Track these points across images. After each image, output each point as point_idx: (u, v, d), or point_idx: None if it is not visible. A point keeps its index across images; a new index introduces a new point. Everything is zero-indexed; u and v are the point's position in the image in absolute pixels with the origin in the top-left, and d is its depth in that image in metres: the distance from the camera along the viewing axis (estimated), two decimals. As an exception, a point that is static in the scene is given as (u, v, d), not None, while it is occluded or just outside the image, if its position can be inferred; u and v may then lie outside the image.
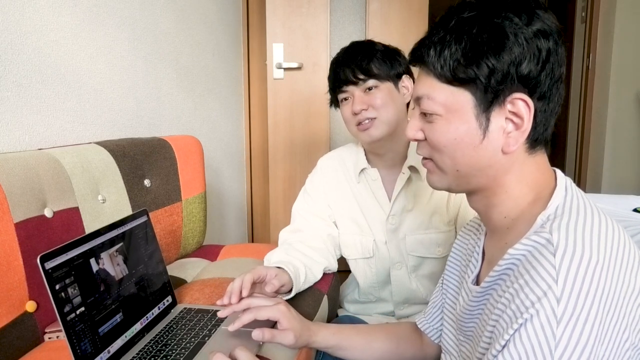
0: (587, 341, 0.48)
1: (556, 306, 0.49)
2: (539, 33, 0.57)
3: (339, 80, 1.08)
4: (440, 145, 0.62)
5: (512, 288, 0.55)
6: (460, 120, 0.60)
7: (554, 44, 0.58)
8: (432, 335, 0.84)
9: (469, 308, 0.68)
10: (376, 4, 2.19)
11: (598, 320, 0.49)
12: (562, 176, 0.63)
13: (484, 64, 0.56)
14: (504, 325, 0.54)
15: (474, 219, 0.80)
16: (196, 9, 1.88)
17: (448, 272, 0.82)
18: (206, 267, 1.27)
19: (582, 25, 3.08)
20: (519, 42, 0.56)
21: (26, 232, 0.83)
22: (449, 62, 0.58)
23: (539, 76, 0.57)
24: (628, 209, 1.43)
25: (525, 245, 0.56)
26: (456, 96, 0.59)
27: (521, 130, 0.58)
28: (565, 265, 0.50)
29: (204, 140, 1.85)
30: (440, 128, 0.62)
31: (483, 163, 0.61)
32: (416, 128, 0.66)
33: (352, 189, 1.18)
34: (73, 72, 1.18)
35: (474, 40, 0.57)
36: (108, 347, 0.73)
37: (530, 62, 0.56)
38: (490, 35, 0.56)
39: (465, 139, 0.60)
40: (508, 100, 0.58)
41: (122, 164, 1.14)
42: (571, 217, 0.56)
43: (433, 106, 0.61)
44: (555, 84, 0.59)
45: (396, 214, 1.13)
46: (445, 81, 0.60)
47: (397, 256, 1.15)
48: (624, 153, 2.73)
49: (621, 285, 0.51)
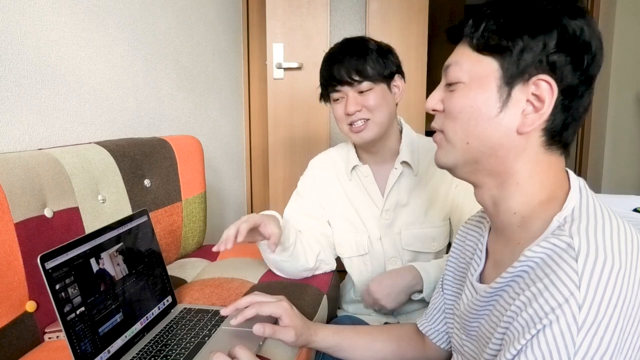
0: (607, 348, 0.48)
1: (577, 313, 0.48)
2: (580, 29, 0.57)
3: (333, 78, 1.07)
4: (455, 111, 0.62)
5: (528, 291, 0.54)
6: (481, 89, 0.59)
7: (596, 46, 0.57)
8: (434, 337, 0.83)
9: (474, 307, 0.66)
10: (376, 4, 2.19)
11: (619, 328, 0.49)
12: (574, 177, 0.62)
13: (520, 39, 0.57)
14: (519, 329, 0.53)
15: (475, 215, 0.79)
16: (196, 9, 1.88)
17: (447, 273, 0.81)
18: (206, 267, 1.27)
19: (582, 25, 3.08)
20: (559, 31, 0.56)
21: (26, 232, 0.83)
22: (485, 31, 0.59)
23: (570, 68, 0.57)
24: (628, 209, 1.43)
25: (543, 247, 0.55)
26: (484, 64, 0.59)
27: (540, 113, 0.57)
28: (588, 272, 0.50)
29: (204, 140, 1.85)
30: (460, 95, 0.61)
31: (495, 140, 0.60)
32: (437, 98, 0.65)
33: (344, 188, 1.19)
34: (73, 72, 1.18)
35: (515, 16, 0.58)
36: (108, 347, 0.73)
37: (566, 55, 0.56)
38: (533, 15, 0.57)
39: (483, 108, 0.59)
40: (533, 80, 0.57)
41: (122, 164, 1.14)
42: (590, 221, 0.55)
43: (459, 73, 0.61)
44: (584, 85, 0.59)
45: (390, 209, 1.14)
46: (477, 49, 0.60)
47: (392, 251, 1.15)
48: (624, 153, 2.73)
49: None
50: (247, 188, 2.58)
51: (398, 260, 1.16)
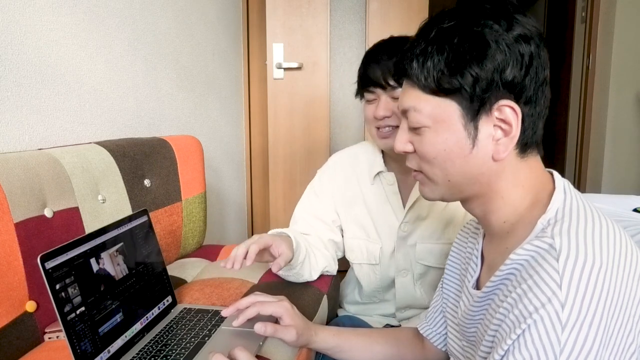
0: (592, 346, 0.48)
1: (561, 311, 0.49)
2: (520, 38, 0.56)
3: (368, 79, 1.03)
4: (430, 156, 0.62)
5: (514, 293, 0.54)
6: (449, 130, 0.59)
7: (536, 47, 0.57)
8: (435, 340, 0.83)
9: (470, 313, 0.67)
10: (376, 4, 2.19)
11: (603, 325, 0.49)
12: (559, 178, 0.63)
13: (468, 73, 0.56)
14: (506, 330, 0.54)
15: (470, 222, 0.79)
16: (196, 9, 1.88)
17: (447, 277, 0.81)
18: (206, 267, 1.27)
19: (582, 25, 3.08)
20: (500, 49, 0.56)
21: (26, 232, 0.83)
22: (433, 73, 0.58)
23: (524, 81, 0.57)
24: (628, 209, 1.42)
25: (527, 250, 0.56)
26: (442, 107, 0.59)
27: (510, 137, 0.58)
28: (568, 271, 0.50)
29: (204, 140, 1.85)
30: (429, 140, 0.61)
31: (474, 171, 0.61)
32: (405, 140, 0.65)
33: (363, 191, 1.14)
34: (73, 72, 1.18)
35: (456, 50, 0.57)
36: (108, 347, 0.73)
37: (513, 68, 0.56)
38: (471, 44, 0.56)
39: (455, 149, 0.60)
40: (495, 107, 0.58)
41: (122, 164, 1.14)
42: (572, 221, 0.55)
43: (420, 118, 0.61)
44: (540, 87, 0.59)
45: (409, 222, 1.10)
46: (430, 92, 0.60)
47: (403, 263, 1.12)
48: (624, 153, 2.73)
49: (625, 289, 0.51)
50: (247, 188, 2.58)
51: (409, 274, 1.12)
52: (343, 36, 2.28)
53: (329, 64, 2.18)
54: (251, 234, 2.64)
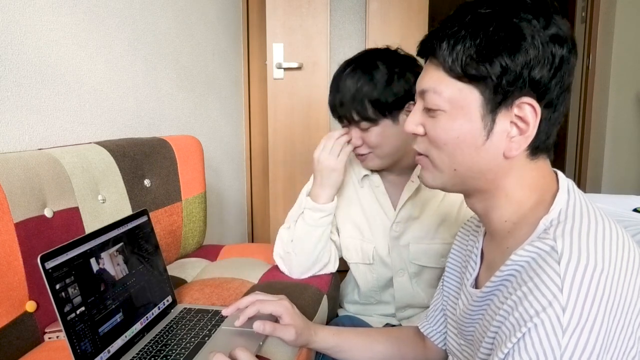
0: (592, 350, 0.48)
1: (562, 315, 0.48)
2: (555, 38, 0.56)
3: (335, 112, 1.05)
4: (440, 142, 0.61)
5: (515, 295, 0.54)
6: (465, 118, 0.58)
7: (568, 52, 0.57)
8: (436, 339, 0.83)
9: (469, 312, 0.67)
10: (376, 4, 2.19)
11: (604, 329, 0.48)
12: (563, 178, 0.62)
13: (498, 62, 0.55)
14: (506, 332, 0.53)
15: (472, 219, 0.79)
16: (196, 9, 1.88)
17: (448, 275, 0.81)
18: (206, 267, 1.27)
19: (582, 25, 3.08)
20: (535, 45, 0.55)
21: (26, 232, 0.83)
22: (461, 57, 0.57)
23: (550, 82, 0.56)
24: (628, 209, 1.43)
25: (528, 251, 0.55)
26: (464, 93, 0.58)
27: (525, 136, 0.57)
28: (570, 274, 0.50)
29: (204, 140, 1.85)
30: (443, 124, 0.60)
31: (482, 165, 0.60)
32: (416, 122, 0.64)
33: (357, 192, 1.17)
34: (73, 72, 1.18)
35: (490, 38, 0.55)
36: (108, 347, 0.73)
37: (543, 67, 0.55)
38: (507, 34, 0.55)
39: (468, 138, 0.59)
40: (516, 103, 0.56)
41: (122, 164, 1.14)
42: (575, 223, 0.55)
43: (439, 101, 0.59)
44: (563, 93, 0.58)
45: (401, 222, 1.11)
46: (455, 76, 0.58)
47: (398, 263, 1.13)
48: (624, 153, 2.73)
49: (626, 293, 0.51)
50: (247, 188, 2.58)
51: (405, 273, 1.13)
52: (343, 36, 2.28)
53: (329, 64, 2.18)
54: (251, 233, 2.64)
